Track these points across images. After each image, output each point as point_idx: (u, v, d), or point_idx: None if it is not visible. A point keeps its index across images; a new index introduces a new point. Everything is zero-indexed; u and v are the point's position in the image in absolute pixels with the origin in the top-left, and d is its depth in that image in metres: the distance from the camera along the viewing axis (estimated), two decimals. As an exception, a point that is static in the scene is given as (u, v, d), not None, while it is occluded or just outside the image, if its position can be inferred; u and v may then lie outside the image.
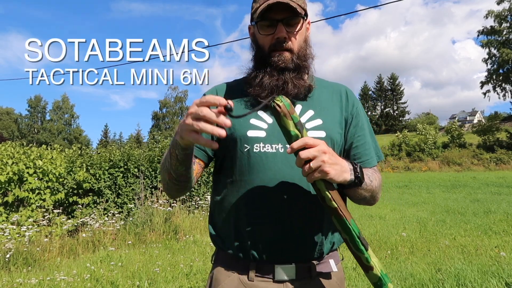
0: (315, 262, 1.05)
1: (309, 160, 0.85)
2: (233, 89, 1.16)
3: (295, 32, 1.07)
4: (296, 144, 0.85)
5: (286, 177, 1.02)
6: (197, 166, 1.11)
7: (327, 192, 0.89)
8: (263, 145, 1.04)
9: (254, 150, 1.04)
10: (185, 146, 0.89)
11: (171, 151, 0.95)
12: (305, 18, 1.10)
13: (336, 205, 0.90)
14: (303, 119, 1.07)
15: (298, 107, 1.09)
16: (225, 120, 0.79)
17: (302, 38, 1.10)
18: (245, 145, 1.05)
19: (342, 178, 0.90)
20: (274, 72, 1.05)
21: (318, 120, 1.07)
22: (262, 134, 1.05)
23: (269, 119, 1.07)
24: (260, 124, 1.06)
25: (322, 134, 1.05)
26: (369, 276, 0.94)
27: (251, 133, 1.05)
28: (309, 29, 1.16)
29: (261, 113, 1.08)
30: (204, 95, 1.14)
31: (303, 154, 0.85)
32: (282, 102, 0.87)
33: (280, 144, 1.03)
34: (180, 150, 0.91)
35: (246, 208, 1.03)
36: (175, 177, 1.00)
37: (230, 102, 0.79)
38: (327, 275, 1.07)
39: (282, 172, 1.02)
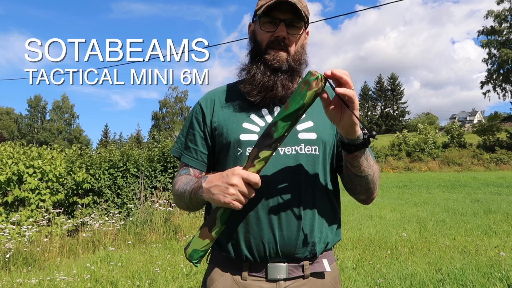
0: (308, 261, 1.06)
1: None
2: (230, 92, 1.17)
3: (295, 35, 1.08)
4: (339, 73, 0.86)
5: (278, 179, 1.03)
6: (200, 176, 1.15)
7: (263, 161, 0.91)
8: None
9: (247, 153, 1.05)
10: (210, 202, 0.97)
11: (192, 197, 1.01)
12: (306, 25, 1.12)
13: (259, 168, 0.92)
14: None
15: None
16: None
17: (300, 43, 1.11)
18: (238, 148, 1.06)
19: (356, 127, 0.92)
20: (268, 71, 1.06)
21: (309, 122, 1.08)
22: (255, 137, 1.06)
23: (261, 122, 1.08)
24: (252, 127, 1.08)
25: (313, 136, 1.07)
26: (200, 242, 0.97)
27: (243, 137, 1.06)
28: (307, 38, 1.18)
29: (253, 116, 1.09)
30: (200, 103, 1.17)
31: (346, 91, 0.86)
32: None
33: None
34: (203, 201, 1.00)
35: (239, 210, 1.03)
36: (193, 209, 1.10)
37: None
38: (321, 275, 1.08)
39: (274, 175, 1.03)
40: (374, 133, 0.92)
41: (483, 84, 35.36)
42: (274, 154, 0.95)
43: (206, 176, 0.98)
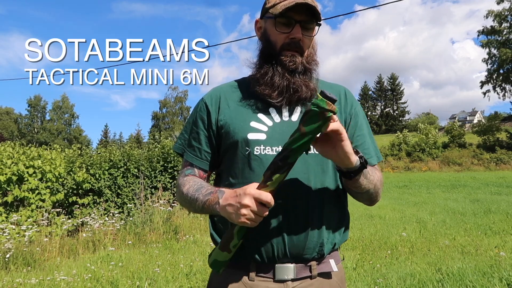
0: (315, 262, 1.06)
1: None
2: (238, 89, 1.15)
3: (309, 37, 1.08)
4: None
5: (286, 180, 1.01)
6: (204, 176, 1.17)
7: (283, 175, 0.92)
8: (264, 147, 1.04)
9: (255, 152, 1.04)
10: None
11: (205, 207, 1.02)
12: (319, 26, 1.11)
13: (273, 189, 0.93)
14: None
15: (298, 110, 1.09)
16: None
17: (312, 44, 1.11)
18: (246, 148, 1.05)
19: (351, 158, 0.92)
20: (286, 73, 1.05)
21: None
22: (263, 136, 1.05)
23: (269, 121, 1.07)
24: (260, 127, 1.06)
25: None
26: (220, 254, 1.00)
27: (251, 136, 1.05)
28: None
29: (261, 115, 1.08)
30: (204, 101, 1.16)
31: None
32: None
33: (280, 146, 1.03)
34: (218, 214, 1.00)
35: None
36: (200, 214, 1.13)
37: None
38: (328, 275, 1.08)
39: None
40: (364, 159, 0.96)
41: (483, 84, 35.34)
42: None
43: (222, 191, 0.99)
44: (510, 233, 5.63)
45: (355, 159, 0.93)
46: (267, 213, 0.92)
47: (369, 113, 61.66)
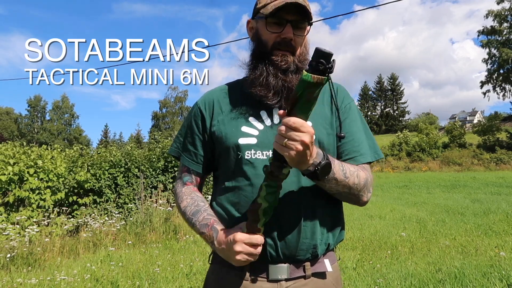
0: (309, 262, 1.06)
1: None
2: (231, 91, 1.16)
3: (301, 36, 1.07)
4: (294, 123, 0.84)
5: None
6: (200, 180, 1.19)
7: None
8: (254, 152, 1.05)
9: (246, 157, 1.05)
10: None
11: (204, 238, 1.07)
12: (310, 25, 1.11)
13: (285, 174, 0.92)
14: None
15: None
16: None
17: (304, 43, 1.11)
18: (238, 152, 1.06)
19: (299, 167, 0.91)
20: (278, 73, 1.05)
21: (308, 122, 1.06)
22: (253, 141, 1.06)
23: (260, 126, 1.07)
24: (251, 131, 1.07)
25: None
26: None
27: (242, 141, 1.06)
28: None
29: (252, 119, 1.08)
30: (199, 105, 1.17)
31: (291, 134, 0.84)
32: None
33: (270, 150, 1.03)
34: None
35: (240, 214, 1.04)
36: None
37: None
38: (322, 275, 1.08)
39: None
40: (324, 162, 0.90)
41: (483, 84, 35.33)
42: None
43: (216, 230, 1.02)
44: (510, 233, 5.63)
45: (308, 164, 0.90)
46: (260, 249, 0.97)
47: (369, 113, 61.66)
